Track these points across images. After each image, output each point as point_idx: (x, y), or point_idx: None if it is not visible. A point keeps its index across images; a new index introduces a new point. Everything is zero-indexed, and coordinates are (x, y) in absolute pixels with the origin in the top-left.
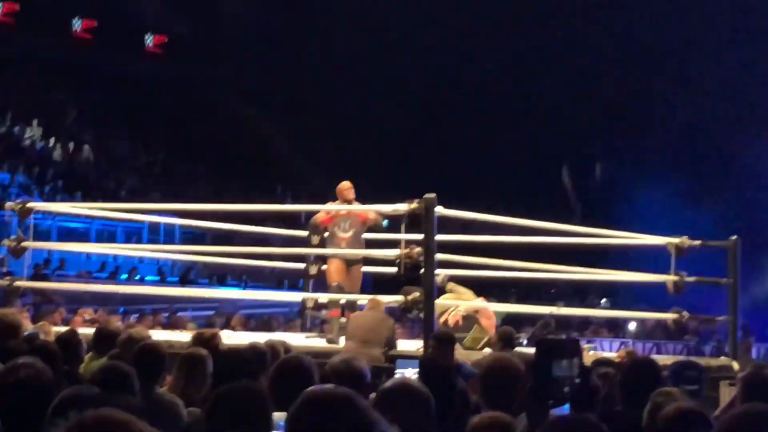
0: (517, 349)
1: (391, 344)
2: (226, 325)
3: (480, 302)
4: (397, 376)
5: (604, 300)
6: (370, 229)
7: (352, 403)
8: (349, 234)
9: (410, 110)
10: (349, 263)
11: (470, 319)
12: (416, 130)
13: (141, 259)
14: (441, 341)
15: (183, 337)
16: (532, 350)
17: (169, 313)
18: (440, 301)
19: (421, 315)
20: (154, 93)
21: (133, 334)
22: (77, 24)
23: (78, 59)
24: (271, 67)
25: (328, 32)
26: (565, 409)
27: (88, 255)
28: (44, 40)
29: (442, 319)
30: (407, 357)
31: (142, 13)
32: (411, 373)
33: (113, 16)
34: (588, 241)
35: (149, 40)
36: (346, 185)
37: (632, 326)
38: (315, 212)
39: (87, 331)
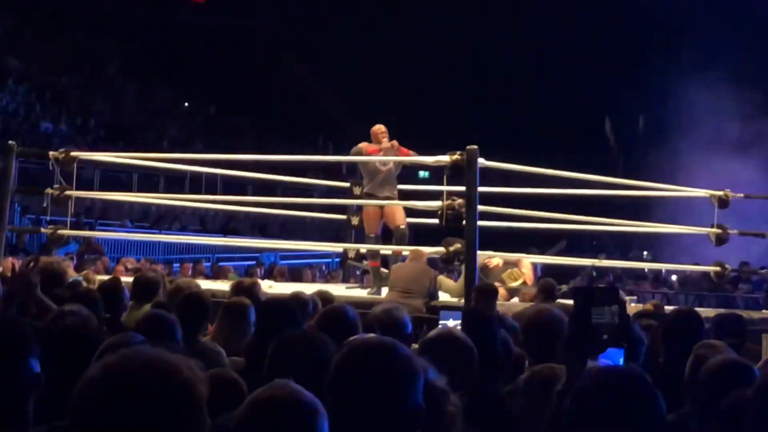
0: (559, 300)
1: (432, 295)
2: (268, 276)
3: (520, 256)
4: (439, 326)
5: (646, 253)
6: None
7: (395, 351)
8: (388, 167)
9: (453, 61)
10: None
11: (510, 266)
12: (459, 81)
13: (183, 209)
14: (483, 294)
15: (225, 286)
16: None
17: (211, 262)
18: (481, 253)
19: (462, 266)
20: (198, 43)
21: (181, 284)
22: None
23: (121, 9)
24: (314, 16)
25: None
26: (608, 357)
27: (131, 204)
28: None
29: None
30: (450, 308)
31: None
32: (453, 323)
33: None
34: (630, 194)
35: None
36: (380, 128)
37: (674, 278)
38: (356, 164)
39: (130, 280)
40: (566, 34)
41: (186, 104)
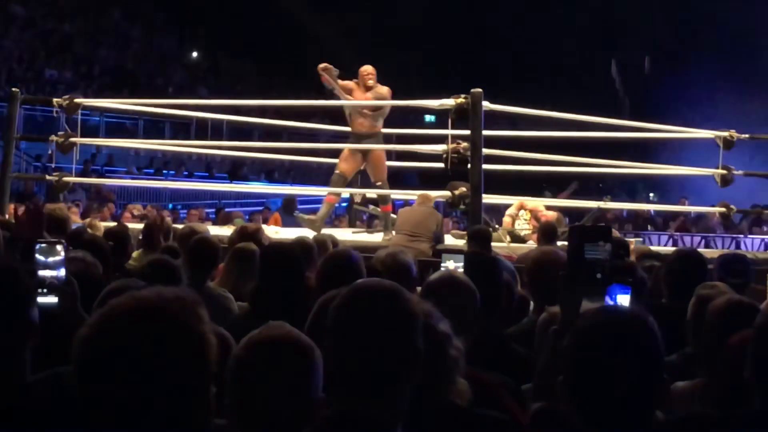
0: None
1: (438, 238)
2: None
3: (529, 200)
4: (441, 269)
5: (652, 194)
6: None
7: (397, 295)
8: (369, 116)
9: (457, 7)
10: (366, 151)
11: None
12: (462, 23)
13: (189, 155)
14: (475, 238)
15: (230, 232)
16: None
17: (217, 208)
18: (487, 198)
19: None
20: None
21: (193, 227)
22: None
23: None
24: None
25: None
26: (612, 298)
27: (137, 151)
28: None
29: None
30: (452, 251)
31: None
32: (454, 266)
33: None
34: (636, 135)
35: None
36: (366, 70)
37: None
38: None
39: (136, 227)
40: None
41: (194, 54)
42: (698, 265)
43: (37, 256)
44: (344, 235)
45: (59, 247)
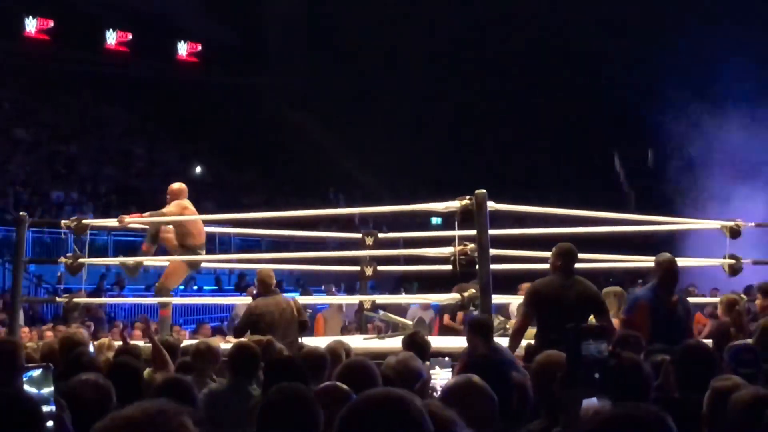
0: None
1: None
2: None
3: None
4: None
5: None
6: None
7: (406, 405)
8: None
9: (458, 107)
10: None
11: None
12: (465, 126)
13: (198, 270)
14: (475, 329)
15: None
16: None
17: (228, 321)
18: (497, 298)
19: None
20: (203, 103)
21: (207, 343)
22: (112, 37)
23: (125, 73)
24: (317, 71)
25: (372, 35)
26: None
27: (145, 268)
28: (86, 55)
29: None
30: (437, 354)
31: (179, 23)
32: (444, 372)
33: (151, 28)
34: (642, 229)
35: (182, 48)
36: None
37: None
38: (368, 214)
39: (148, 345)
40: (573, 73)
41: (198, 168)
42: (708, 357)
43: (27, 386)
44: (355, 341)
45: (48, 373)
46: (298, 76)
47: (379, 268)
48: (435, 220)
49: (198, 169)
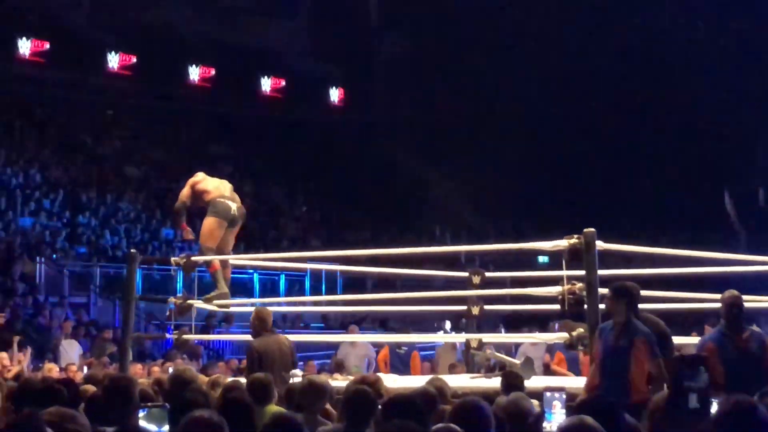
0: None
1: None
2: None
3: None
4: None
5: None
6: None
7: None
8: None
9: (565, 145)
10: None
11: None
12: (572, 164)
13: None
14: (619, 294)
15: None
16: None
17: (334, 359)
18: None
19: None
20: (309, 140)
21: (312, 379)
22: (266, 84)
23: (233, 111)
24: (424, 108)
25: (478, 73)
26: None
27: (252, 304)
28: (203, 95)
29: None
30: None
31: (287, 61)
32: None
33: (262, 67)
34: (753, 269)
35: (300, 91)
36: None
37: None
38: (475, 252)
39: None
40: (682, 109)
41: (304, 207)
42: None
43: (144, 422)
44: (462, 380)
45: (164, 412)
46: (405, 113)
47: (486, 307)
48: (542, 259)
49: (304, 207)
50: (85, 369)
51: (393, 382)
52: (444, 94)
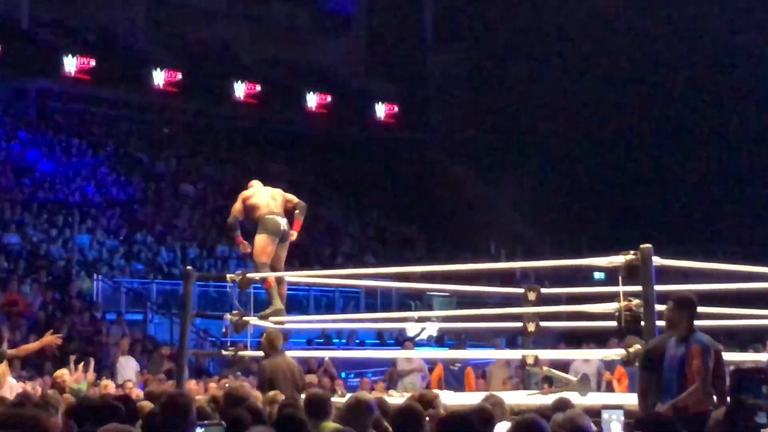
0: None
1: None
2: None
3: None
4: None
5: None
6: None
7: None
8: None
9: (622, 159)
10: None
11: None
12: (629, 178)
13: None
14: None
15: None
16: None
17: (389, 375)
18: None
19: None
20: (364, 157)
21: (358, 396)
22: (312, 100)
23: (287, 129)
24: (477, 124)
25: (532, 87)
26: None
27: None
28: (259, 113)
29: None
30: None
31: (349, 83)
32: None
33: (314, 84)
34: None
35: (361, 108)
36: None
37: None
38: (530, 269)
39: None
40: (737, 122)
41: (359, 223)
42: None
43: None
44: (518, 397)
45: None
46: (459, 129)
47: (542, 323)
48: (597, 275)
49: (360, 224)
50: (142, 386)
51: (448, 398)
52: (498, 110)
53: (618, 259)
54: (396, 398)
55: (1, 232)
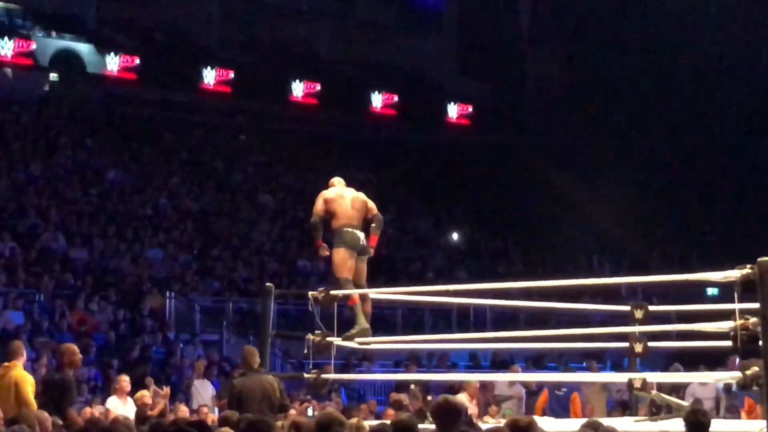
0: None
1: None
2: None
3: None
4: None
5: None
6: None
7: None
8: None
9: (737, 166)
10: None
11: None
12: (743, 184)
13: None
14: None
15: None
16: None
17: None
18: None
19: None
20: (455, 165)
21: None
22: (377, 100)
23: (375, 135)
24: (576, 129)
25: (634, 91)
26: None
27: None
28: (343, 117)
29: None
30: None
31: (439, 84)
32: None
33: (411, 89)
34: None
35: (452, 111)
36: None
37: None
38: (637, 284)
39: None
40: None
41: (454, 235)
42: None
43: None
44: (626, 424)
45: None
46: (558, 134)
47: (650, 344)
48: (710, 291)
49: (455, 236)
50: (218, 411)
51: (547, 425)
52: (598, 114)
53: (733, 274)
54: (491, 424)
55: (67, 247)
